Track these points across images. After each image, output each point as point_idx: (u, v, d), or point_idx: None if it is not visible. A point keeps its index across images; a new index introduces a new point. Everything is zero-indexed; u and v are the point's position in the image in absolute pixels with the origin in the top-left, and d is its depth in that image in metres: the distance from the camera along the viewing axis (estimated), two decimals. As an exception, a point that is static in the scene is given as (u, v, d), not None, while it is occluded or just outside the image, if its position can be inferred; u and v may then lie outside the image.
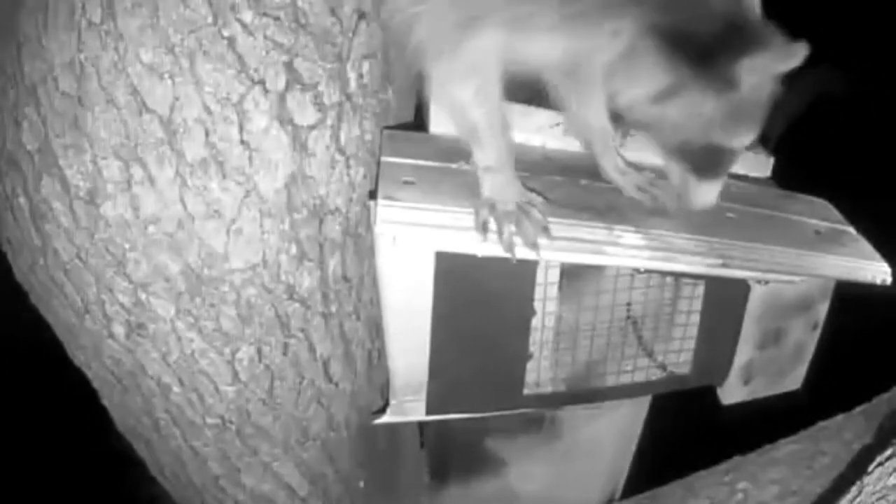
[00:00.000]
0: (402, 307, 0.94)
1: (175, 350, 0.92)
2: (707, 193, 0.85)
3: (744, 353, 1.14)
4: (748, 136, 0.82)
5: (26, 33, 0.80)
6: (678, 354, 1.12)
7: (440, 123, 0.96)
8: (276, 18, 0.78)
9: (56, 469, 1.89)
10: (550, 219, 0.85)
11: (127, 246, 0.85)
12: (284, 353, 0.97)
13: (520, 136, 0.98)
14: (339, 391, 1.06)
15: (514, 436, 1.43)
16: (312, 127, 0.85)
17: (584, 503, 1.52)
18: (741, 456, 1.17)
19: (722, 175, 0.85)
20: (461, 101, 0.84)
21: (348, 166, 0.90)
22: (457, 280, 0.93)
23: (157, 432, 1.04)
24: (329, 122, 0.86)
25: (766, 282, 1.07)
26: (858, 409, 1.14)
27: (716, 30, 0.72)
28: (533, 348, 1.04)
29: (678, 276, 1.04)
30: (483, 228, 0.83)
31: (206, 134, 0.80)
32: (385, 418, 1.04)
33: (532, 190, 0.89)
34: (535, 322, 1.02)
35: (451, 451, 1.47)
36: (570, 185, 0.95)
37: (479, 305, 0.98)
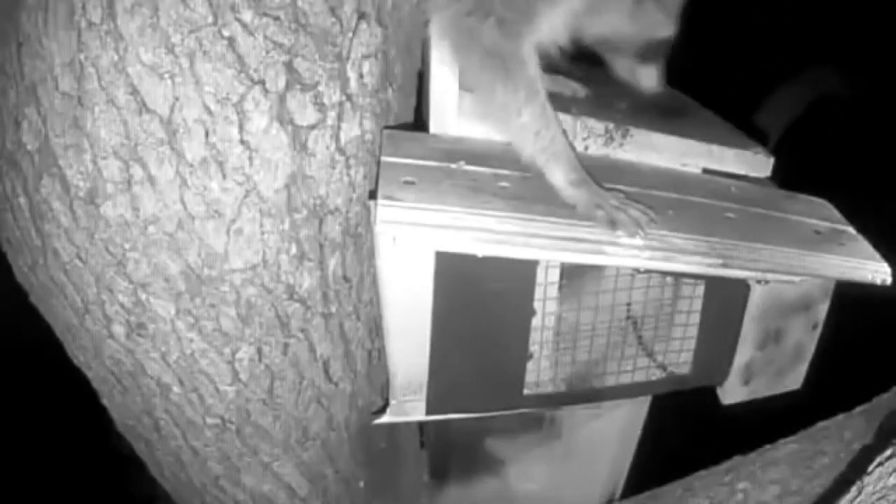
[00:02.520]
0: (402, 307, 0.94)
1: (175, 350, 0.92)
2: (651, 76, 1.07)
3: (744, 353, 1.14)
4: (668, 29, 1.02)
5: (26, 33, 0.80)
6: (678, 354, 1.12)
7: (440, 123, 0.96)
8: (276, 18, 0.78)
9: (56, 469, 1.89)
10: (552, 219, 0.85)
11: (127, 246, 0.85)
12: (284, 353, 0.97)
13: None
14: (339, 391, 1.06)
15: (514, 436, 1.43)
16: (312, 127, 0.85)
17: (584, 503, 1.52)
18: (741, 456, 1.17)
19: (658, 59, 1.06)
20: (529, 126, 0.88)
21: (348, 166, 0.90)
22: (457, 280, 0.93)
23: (157, 432, 1.04)
24: (329, 122, 0.86)
25: (766, 282, 1.07)
26: (858, 409, 1.14)
27: None
28: (533, 348, 1.04)
29: (678, 276, 1.04)
30: (612, 224, 0.86)
31: (206, 134, 0.80)
32: (385, 418, 1.04)
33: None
34: (535, 322, 1.02)
35: (451, 451, 1.47)
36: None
37: (479, 305, 0.98)
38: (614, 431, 1.43)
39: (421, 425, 1.39)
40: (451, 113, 0.95)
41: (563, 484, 1.48)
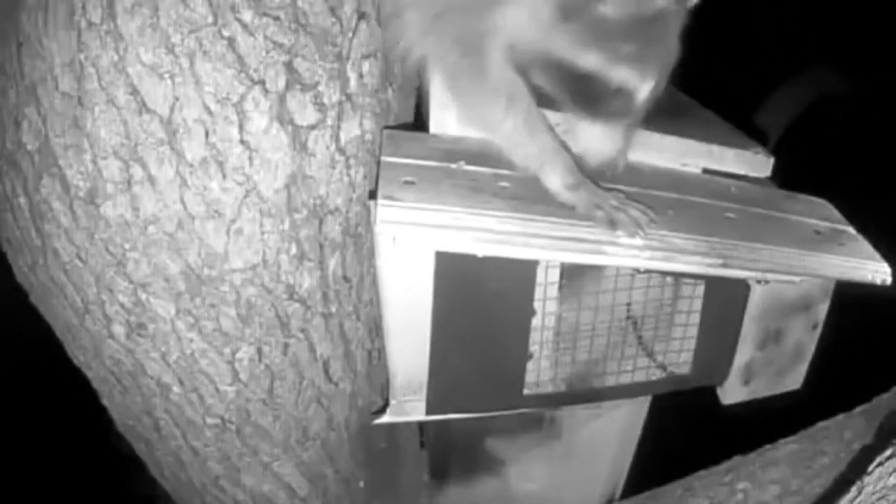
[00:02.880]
0: (402, 307, 0.94)
1: (175, 350, 0.92)
2: (597, 140, 0.82)
3: (744, 353, 1.14)
4: (632, 72, 0.76)
5: (26, 33, 0.80)
6: (678, 354, 1.12)
7: (440, 123, 0.96)
8: (276, 18, 0.78)
9: (56, 469, 1.89)
10: (552, 219, 0.85)
11: (127, 246, 0.85)
12: (284, 353, 0.97)
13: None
14: (339, 391, 1.06)
15: (514, 436, 1.43)
16: (312, 127, 0.85)
17: (584, 503, 1.52)
18: (741, 456, 1.17)
19: (613, 119, 0.80)
20: (515, 133, 0.85)
21: (348, 166, 0.90)
22: (457, 280, 0.93)
23: (157, 432, 1.04)
24: (329, 122, 0.86)
25: (766, 282, 1.07)
26: (858, 409, 1.14)
27: None
28: (533, 348, 1.04)
29: (678, 276, 1.04)
30: (612, 224, 0.84)
31: (206, 134, 0.80)
32: (385, 418, 1.04)
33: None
34: (535, 322, 1.02)
35: (451, 451, 1.47)
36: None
37: (479, 305, 0.98)
38: (614, 431, 1.43)
39: (421, 425, 1.39)
40: (450, 113, 0.95)
41: (563, 484, 1.48)
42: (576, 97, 0.80)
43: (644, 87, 0.79)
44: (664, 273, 1.03)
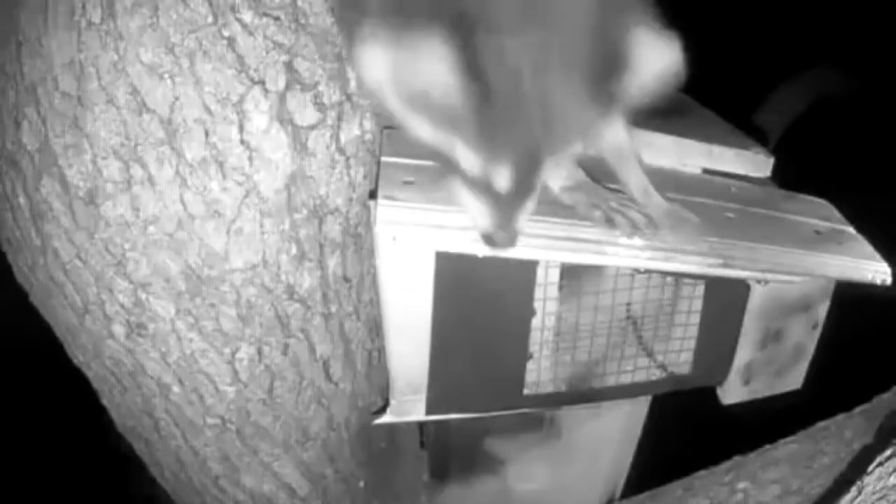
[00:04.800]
0: (402, 307, 0.94)
1: (175, 350, 0.92)
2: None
3: (744, 353, 1.14)
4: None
5: (26, 33, 0.80)
6: (678, 354, 1.12)
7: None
8: (276, 18, 0.78)
9: (56, 469, 1.89)
10: (552, 219, 0.85)
11: (127, 246, 0.85)
12: (284, 353, 0.97)
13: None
14: (339, 391, 1.06)
15: (514, 436, 1.43)
16: (312, 127, 0.85)
17: (584, 503, 1.52)
18: (741, 456, 1.17)
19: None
20: None
21: (348, 166, 0.90)
22: (457, 280, 0.93)
23: (157, 432, 1.04)
24: (329, 122, 0.86)
25: (767, 282, 1.07)
26: (858, 409, 1.14)
27: None
28: (533, 348, 1.04)
29: (678, 276, 1.04)
30: (610, 224, 0.85)
31: (206, 134, 0.80)
32: (385, 418, 1.04)
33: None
34: (535, 322, 1.02)
35: (451, 451, 1.47)
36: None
37: (479, 305, 0.98)
38: (614, 431, 1.43)
39: (421, 425, 1.39)
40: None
41: (563, 484, 1.48)
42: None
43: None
44: (664, 273, 1.03)
